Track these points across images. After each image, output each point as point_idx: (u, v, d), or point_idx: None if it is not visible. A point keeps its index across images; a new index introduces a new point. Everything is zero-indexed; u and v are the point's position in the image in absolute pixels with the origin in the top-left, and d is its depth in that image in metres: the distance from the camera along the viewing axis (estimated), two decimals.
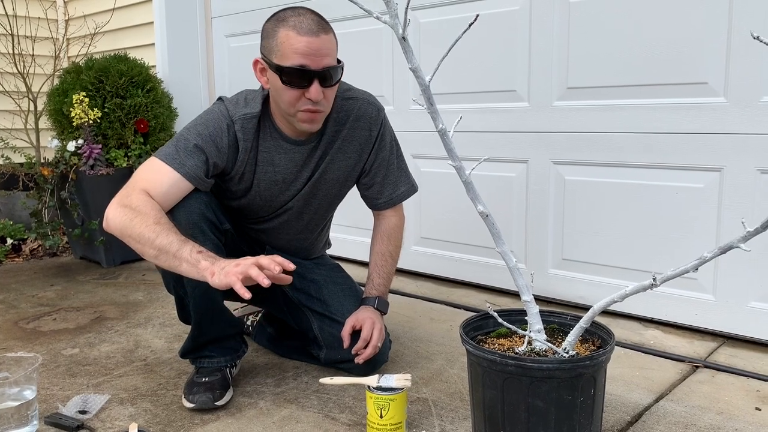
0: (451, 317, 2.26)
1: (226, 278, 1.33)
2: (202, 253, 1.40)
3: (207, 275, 1.36)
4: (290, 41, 1.49)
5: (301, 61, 1.48)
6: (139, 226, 1.43)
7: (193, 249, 1.41)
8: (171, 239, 1.41)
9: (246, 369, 1.83)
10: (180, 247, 1.41)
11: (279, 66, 1.50)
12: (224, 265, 1.36)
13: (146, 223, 1.43)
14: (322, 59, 1.50)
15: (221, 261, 1.39)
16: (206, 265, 1.37)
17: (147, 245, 1.42)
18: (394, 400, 1.38)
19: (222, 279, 1.33)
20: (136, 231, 1.43)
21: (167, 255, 1.41)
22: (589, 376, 1.22)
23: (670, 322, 2.10)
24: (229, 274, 1.33)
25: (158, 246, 1.41)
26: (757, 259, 1.89)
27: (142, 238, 1.42)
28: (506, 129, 2.40)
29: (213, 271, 1.36)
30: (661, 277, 1.16)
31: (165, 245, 1.41)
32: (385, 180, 1.79)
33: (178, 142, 1.56)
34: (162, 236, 1.41)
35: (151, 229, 1.42)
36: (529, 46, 2.30)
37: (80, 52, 3.67)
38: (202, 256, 1.40)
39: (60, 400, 1.63)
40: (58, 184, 3.00)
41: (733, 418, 1.52)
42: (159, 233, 1.41)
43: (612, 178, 2.17)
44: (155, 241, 1.41)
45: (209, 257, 1.40)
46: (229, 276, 1.33)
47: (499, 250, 1.31)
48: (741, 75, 1.88)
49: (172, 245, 1.41)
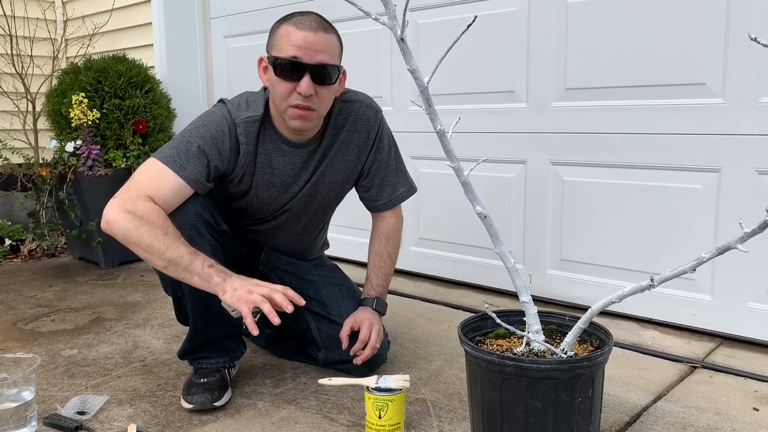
0: (450, 318, 2.26)
1: (236, 305, 1.41)
2: (213, 268, 1.45)
3: (218, 291, 1.44)
4: (288, 35, 1.51)
5: (295, 53, 1.49)
6: (147, 237, 1.43)
7: (204, 263, 1.44)
8: (181, 252, 1.43)
9: (244, 370, 1.83)
10: (191, 260, 1.43)
11: (275, 57, 1.53)
12: (237, 286, 1.43)
13: (155, 234, 1.43)
14: (316, 54, 1.50)
15: (233, 279, 1.45)
16: (218, 281, 1.44)
17: (156, 256, 1.44)
18: (393, 401, 1.39)
19: (233, 303, 1.42)
20: (144, 241, 1.44)
21: (178, 267, 1.44)
22: (588, 376, 1.22)
23: (668, 322, 2.11)
24: (240, 302, 1.41)
25: (168, 258, 1.43)
26: (754, 260, 1.89)
27: (151, 249, 1.43)
28: (505, 130, 2.41)
29: (225, 289, 1.43)
30: (659, 278, 1.16)
31: (176, 258, 1.43)
32: (383, 182, 1.80)
33: (179, 145, 1.55)
34: (172, 249, 1.43)
35: (161, 241, 1.43)
36: (527, 47, 2.31)
37: (79, 53, 3.67)
38: (214, 270, 1.44)
39: (59, 401, 1.63)
40: (56, 184, 2.99)
41: (731, 419, 1.52)
42: (169, 245, 1.43)
43: (610, 179, 2.17)
44: (165, 254, 1.43)
45: (221, 272, 1.45)
46: (239, 305, 1.40)
47: (498, 250, 1.31)
48: (739, 76, 1.88)
49: (183, 259, 1.43)
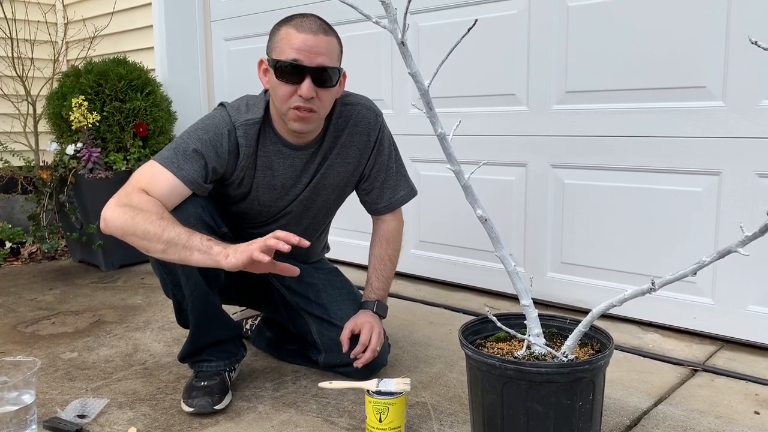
0: (450, 321, 2.26)
1: (243, 255, 1.36)
2: (212, 240, 1.42)
3: (221, 259, 1.38)
4: (288, 38, 1.52)
5: (295, 56, 1.50)
6: (142, 223, 1.42)
7: (203, 237, 1.42)
8: (178, 231, 1.42)
9: (245, 373, 1.82)
10: (189, 237, 1.41)
11: (275, 60, 1.53)
12: (236, 247, 1.39)
13: (149, 219, 1.42)
14: (317, 57, 1.51)
15: (231, 245, 1.41)
16: (219, 249, 1.39)
17: (153, 241, 1.42)
18: (393, 405, 1.38)
19: (239, 257, 1.36)
20: (141, 228, 1.42)
21: (176, 247, 1.41)
22: (588, 380, 1.22)
23: (668, 325, 2.11)
24: (243, 253, 1.35)
25: (166, 239, 1.41)
26: (755, 263, 1.89)
27: (148, 234, 1.42)
28: (505, 133, 2.41)
29: (227, 253, 1.38)
30: (659, 282, 1.16)
31: (173, 237, 1.41)
32: (384, 185, 1.80)
33: (177, 147, 1.56)
34: (169, 230, 1.41)
35: (156, 224, 1.42)
36: (527, 50, 2.31)
37: (79, 56, 3.67)
38: (213, 242, 1.42)
39: (59, 405, 1.63)
40: (57, 187, 3.00)
41: (732, 422, 1.52)
42: (165, 227, 1.41)
43: (611, 182, 2.17)
44: (162, 235, 1.41)
45: (220, 243, 1.42)
46: (243, 255, 1.35)
47: (499, 254, 1.31)
48: (739, 79, 1.88)
49: (180, 237, 1.41)
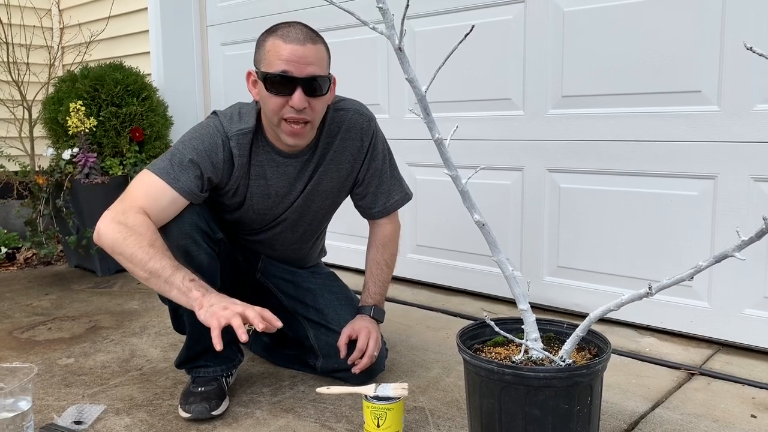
0: (448, 325, 2.26)
1: (209, 320, 1.35)
2: (194, 282, 1.42)
3: (195, 306, 1.39)
4: (276, 49, 1.50)
5: (284, 68, 1.49)
6: (132, 246, 1.42)
7: (185, 277, 1.42)
8: (164, 264, 1.41)
9: (242, 378, 1.82)
10: (173, 272, 1.41)
11: (264, 73, 1.52)
12: (213, 302, 1.38)
13: (140, 244, 1.42)
14: (306, 67, 1.50)
15: (211, 295, 1.40)
16: (197, 296, 1.39)
17: (138, 266, 1.42)
18: (391, 410, 1.38)
19: (208, 320, 1.36)
20: (129, 251, 1.42)
21: (158, 279, 1.41)
22: (586, 384, 1.22)
23: (665, 329, 2.11)
24: (212, 318, 1.35)
25: (150, 269, 1.41)
26: (751, 267, 1.90)
27: (134, 259, 1.42)
28: (501, 137, 2.41)
29: (202, 304, 1.38)
30: (656, 286, 1.16)
31: (157, 269, 1.41)
32: (378, 189, 1.80)
33: (173, 157, 1.56)
34: (155, 260, 1.41)
35: (145, 251, 1.41)
36: (524, 54, 2.32)
37: (75, 61, 3.67)
38: (194, 285, 1.41)
39: (55, 411, 1.62)
40: (53, 192, 2.99)
41: (729, 426, 1.52)
42: (152, 256, 1.41)
43: (606, 186, 2.18)
44: (147, 264, 1.41)
45: (201, 287, 1.41)
46: (210, 320, 1.35)
47: (496, 259, 1.31)
48: (734, 83, 1.89)
49: (165, 270, 1.41)
